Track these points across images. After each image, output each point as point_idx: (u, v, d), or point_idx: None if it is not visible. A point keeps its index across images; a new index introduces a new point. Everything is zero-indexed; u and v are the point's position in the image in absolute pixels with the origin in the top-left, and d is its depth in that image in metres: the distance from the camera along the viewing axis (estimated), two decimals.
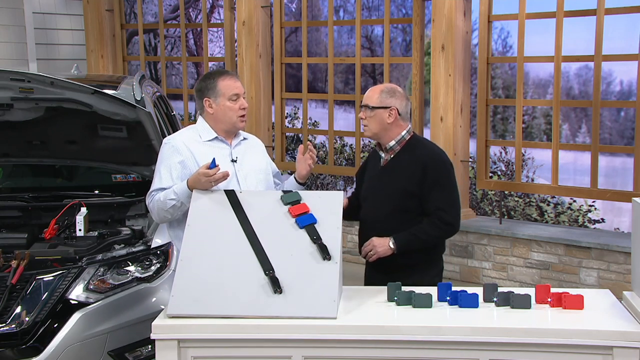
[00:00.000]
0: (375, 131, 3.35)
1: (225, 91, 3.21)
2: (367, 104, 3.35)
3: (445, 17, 6.04)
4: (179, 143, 3.21)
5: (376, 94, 3.36)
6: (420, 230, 3.28)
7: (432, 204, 3.27)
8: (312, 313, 2.71)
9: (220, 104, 3.22)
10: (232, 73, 3.29)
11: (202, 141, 3.24)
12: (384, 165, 3.39)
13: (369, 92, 3.40)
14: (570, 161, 7.38)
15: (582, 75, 8.77)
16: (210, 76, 3.27)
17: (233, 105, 3.22)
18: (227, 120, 3.24)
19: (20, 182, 4.85)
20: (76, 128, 4.40)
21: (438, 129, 6.21)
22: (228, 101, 3.21)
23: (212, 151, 3.20)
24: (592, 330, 2.66)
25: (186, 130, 3.34)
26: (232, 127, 3.27)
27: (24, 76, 3.99)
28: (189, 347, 2.70)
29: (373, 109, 3.34)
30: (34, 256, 3.63)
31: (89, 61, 8.37)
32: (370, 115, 3.34)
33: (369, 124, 3.35)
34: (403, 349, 2.69)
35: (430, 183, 3.27)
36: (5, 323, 3.32)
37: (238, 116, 3.24)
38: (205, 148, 3.23)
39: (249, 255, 2.87)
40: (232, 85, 3.22)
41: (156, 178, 3.21)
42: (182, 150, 3.20)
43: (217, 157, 3.10)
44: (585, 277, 5.58)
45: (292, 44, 9.49)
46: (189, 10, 9.92)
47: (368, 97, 3.37)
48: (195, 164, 3.18)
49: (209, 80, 3.24)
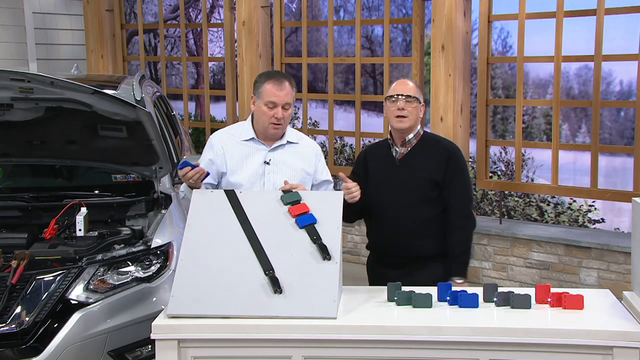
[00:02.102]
0: (412, 122, 3.37)
1: (264, 95, 3.24)
2: (409, 93, 3.34)
3: (445, 17, 6.04)
4: (216, 141, 3.33)
5: (413, 87, 3.37)
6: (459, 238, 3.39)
7: (452, 191, 3.37)
8: (312, 313, 2.71)
9: (258, 106, 3.27)
10: (280, 80, 3.27)
11: (239, 140, 3.31)
12: (401, 158, 3.41)
13: (403, 85, 3.38)
14: (570, 161, 7.37)
15: (582, 75, 8.77)
16: (264, 75, 3.33)
17: (268, 111, 3.24)
18: (261, 123, 3.28)
19: (20, 182, 4.85)
20: (76, 128, 4.39)
21: (438, 128, 6.21)
22: (264, 106, 3.24)
23: (246, 151, 3.28)
24: (592, 330, 2.66)
25: (236, 125, 3.44)
26: (265, 130, 3.29)
27: (24, 76, 3.99)
28: (189, 347, 2.70)
29: (416, 99, 3.35)
30: (34, 256, 3.63)
31: (89, 61, 8.38)
32: (413, 106, 3.34)
33: (410, 115, 3.34)
34: (403, 349, 2.69)
35: (452, 172, 3.38)
36: (5, 323, 3.32)
37: (270, 123, 3.25)
38: (240, 148, 3.30)
39: (249, 255, 2.87)
40: (273, 93, 3.23)
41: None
42: (216, 148, 3.30)
43: (252, 158, 3.25)
44: (585, 277, 5.58)
45: (292, 44, 9.49)
46: (189, 10, 9.91)
47: (408, 89, 3.35)
48: (224, 163, 3.28)
49: (260, 78, 3.31)
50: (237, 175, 3.27)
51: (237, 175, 3.27)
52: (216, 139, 3.34)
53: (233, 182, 3.26)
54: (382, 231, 3.43)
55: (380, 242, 3.47)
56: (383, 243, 3.45)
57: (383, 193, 3.41)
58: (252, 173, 3.27)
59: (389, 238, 3.40)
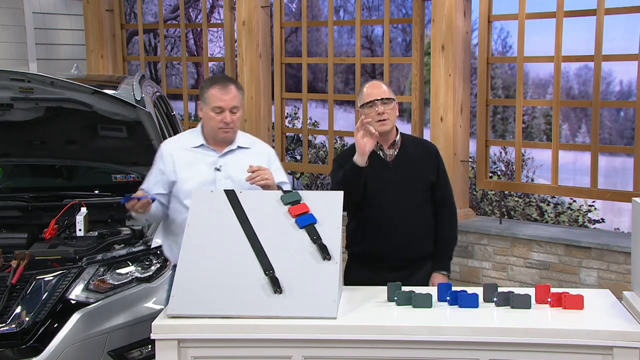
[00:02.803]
0: (393, 123, 3.37)
1: (210, 101, 3.22)
2: (385, 96, 3.31)
3: (445, 17, 6.04)
4: (165, 149, 3.32)
5: (386, 89, 3.35)
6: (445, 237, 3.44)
7: (443, 191, 3.44)
8: (312, 313, 2.71)
9: (205, 112, 3.26)
10: (225, 84, 3.23)
11: (189, 148, 3.29)
12: (393, 160, 3.39)
13: (376, 87, 3.35)
14: (570, 161, 7.37)
15: (582, 75, 8.77)
16: (209, 80, 3.30)
17: (215, 116, 3.22)
18: (210, 128, 3.26)
19: (20, 182, 4.85)
20: (76, 128, 4.40)
21: (438, 129, 6.21)
22: (211, 111, 3.22)
23: (195, 158, 3.26)
24: (592, 330, 2.66)
25: (185, 133, 3.42)
26: (214, 135, 3.28)
27: (24, 76, 3.99)
28: (189, 347, 2.70)
29: (391, 100, 3.33)
30: (34, 256, 3.63)
31: (89, 61, 8.37)
32: (391, 108, 3.33)
33: (390, 117, 3.33)
34: (403, 349, 2.69)
35: (442, 171, 3.45)
36: (5, 323, 3.32)
37: (219, 128, 3.23)
38: (191, 155, 3.28)
39: (249, 255, 2.87)
40: (218, 97, 3.20)
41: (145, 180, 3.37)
42: (165, 157, 3.29)
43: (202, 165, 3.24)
44: (585, 277, 5.58)
45: (292, 44, 9.49)
46: (189, 10, 9.91)
47: (383, 91, 3.33)
48: (173, 172, 3.27)
49: (205, 84, 3.28)
50: (188, 183, 3.24)
51: (187, 183, 3.24)
52: (165, 147, 3.34)
53: (183, 190, 3.24)
54: (380, 234, 3.37)
55: (377, 245, 3.40)
56: (382, 246, 3.38)
57: (381, 196, 3.36)
58: (202, 180, 3.24)
59: (390, 240, 3.37)
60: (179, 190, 3.25)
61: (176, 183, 3.26)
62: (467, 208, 6.45)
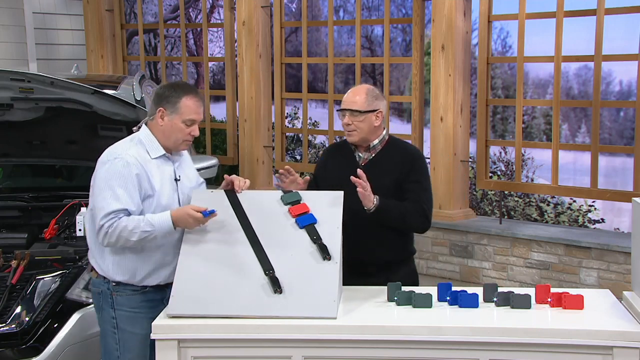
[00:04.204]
0: (363, 135, 3.24)
1: (184, 112, 2.94)
2: (356, 108, 3.20)
3: (445, 17, 6.04)
4: (132, 160, 2.90)
5: (362, 97, 3.22)
6: (402, 205, 3.20)
7: (413, 194, 3.23)
8: (312, 313, 2.71)
9: (172, 121, 2.95)
10: (198, 95, 3.02)
11: (151, 159, 2.96)
12: (365, 164, 3.28)
13: (353, 96, 3.24)
14: (570, 161, 7.37)
15: (582, 75, 8.77)
16: (177, 88, 2.98)
17: (185, 128, 2.96)
18: (173, 139, 2.98)
19: (20, 182, 4.85)
20: (76, 128, 4.40)
21: (438, 129, 6.21)
22: (182, 123, 2.94)
23: (160, 170, 2.97)
24: (592, 330, 2.66)
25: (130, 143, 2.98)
26: (176, 147, 3.02)
27: (24, 76, 4.00)
28: (189, 347, 2.70)
29: (363, 113, 3.21)
30: (34, 256, 3.63)
31: (89, 61, 8.37)
32: (359, 120, 3.21)
33: (358, 129, 3.21)
34: (403, 349, 2.69)
35: (415, 177, 3.25)
36: (5, 323, 3.32)
37: (184, 140, 2.99)
38: (155, 167, 2.96)
39: (249, 255, 2.87)
40: (194, 110, 2.96)
41: (109, 199, 2.83)
42: (140, 170, 2.91)
43: (163, 178, 2.96)
44: (585, 277, 5.58)
45: (292, 44, 9.49)
46: (189, 10, 9.91)
47: (354, 102, 3.21)
48: (149, 184, 2.92)
49: (173, 91, 2.96)
50: (163, 196, 2.97)
51: (162, 197, 2.97)
52: (130, 158, 2.90)
53: (161, 205, 2.94)
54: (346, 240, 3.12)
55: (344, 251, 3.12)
56: (349, 252, 3.13)
57: (349, 199, 3.16)
58: (170, 192, 3.00)
59: (355, 244, 3.20)
60: (153, 205, 2.93)
61: (152, 197, 2.93)
62: (467, 208, 6.45)
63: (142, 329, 2.91)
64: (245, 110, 7.38)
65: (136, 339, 2.94)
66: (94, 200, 2.90)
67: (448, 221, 6.22)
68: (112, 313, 2.94)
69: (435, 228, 6.28)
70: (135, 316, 2.94)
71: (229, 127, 7.82)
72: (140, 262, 2.93)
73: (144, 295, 2.96)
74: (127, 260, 2.93)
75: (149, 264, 2.93)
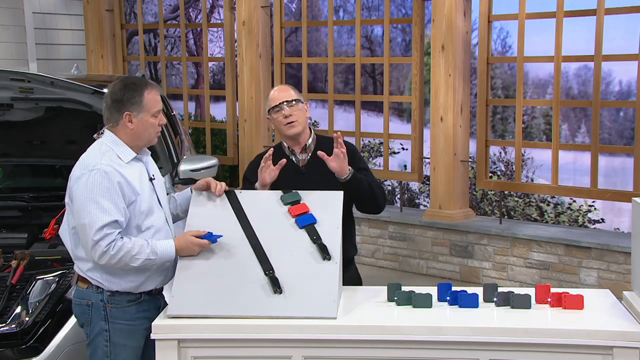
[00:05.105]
0: (303, 124, 3.26)
1: (151, 106, 2.87)
2: (290, 99, 3.23)
3: (445, 17, 6.05)
4: (108, 169, 2.79)
5: (290, 91, 3.27)
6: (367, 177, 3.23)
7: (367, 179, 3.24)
8: (312, 313, 2.71)
9: (142, 120, 2.87)
10: (154, 84, 2.97)
11: (124, 163, 2.86)
12: (305, 165, 3.28)
13: (280, 92, 3.26)
14: (570, 161, 7.37)
15: (582, 75, 8.77)
16: (133, 87, 2.87)
17: (154, 121, 2.89)
18: (146, 136, 2.91)
19: (20, 182, 4.85)
20: (76, 128, 4.40)
21: (438, 129, 6.21)
22: (152, 117, 2.88)
23: (134, 173, 2.87)
24: (592, 330, 2.66)
25: (99, 152, 2.86)
26: (148, 143, 2.96)
27: (24, 76, 4.00)
28: (189, 347, 2.70)
29: (298, 102, 3.24)
30: (34, 256, 3.63)
31: (89, 61, 8.38)
32: (298, 109, 3.24)
33: (299, 118, 3.23)
34: (403, 349, 2.69)
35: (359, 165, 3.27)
36: (5, 323, 3.32)
37: (156, 132, 2.93)
38: (130, 171, 2.86)
39: (249, 256, 2.87)
40: (157, 100, 2.90)
41: (96, 212, 2.72)
42: (115, 174, 2.80)
43: (140, 180, 2.88)
44: (585, 277, 5.58)
45: (292, 44, 9.49)
46: (189, 10, 9.91)
47: (287, 95, 3.24)
48: (130, 189, 2.82)
49: (132, 92, 2.85)
50: (144, 202, 2.87)
51: (143, 202, 2.87)
52: (107, 167, 2.79)
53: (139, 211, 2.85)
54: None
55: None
56: None
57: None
58: (148, 195, 2.91)
59: None
60: (136, 209, 2.85)
61: (134, 202, 2.84)
62: (467, 208, 6.45)
63: (136, 340, 2.88)
64: (245, 110, 7.39)
65: (129, 351, 2.89)
66: (78, 218, 2.78)
67: (448, 221, 6.22)
68: (104, 326, 2.86)
69: (435, 228, 6.29)
70: (131, 329, 2.88)
71: (229, 127, 7.83)
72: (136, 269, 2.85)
73: (139, 306, 2.89)
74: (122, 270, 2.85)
75: (145, 271, 2.88)
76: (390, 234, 6.57)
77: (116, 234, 2.75)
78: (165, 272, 2.93)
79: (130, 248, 2.76)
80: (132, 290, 2.88)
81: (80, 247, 2.86)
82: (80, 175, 2.80)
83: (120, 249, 2.74)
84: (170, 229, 2.98)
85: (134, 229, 2.84)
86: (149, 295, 2.92)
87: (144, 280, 2.88)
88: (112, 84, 2.94)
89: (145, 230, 2.87)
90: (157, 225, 2.91)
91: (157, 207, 2.94)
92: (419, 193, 9.59)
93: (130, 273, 2.84)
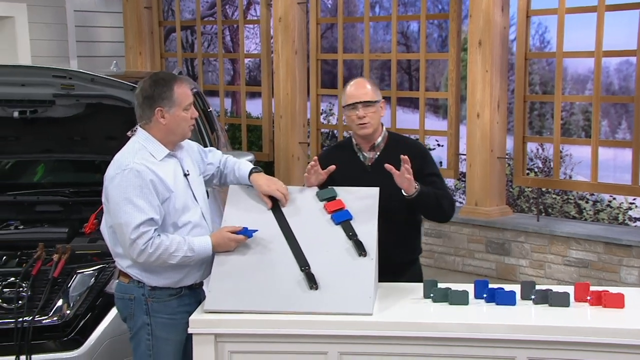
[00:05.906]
0: (376, 126, 3.22)
1: (182, 100, 2.86)
2: (368, 99, 3.19)
3: (482, 12, 5.99)
4: (141, 167, 2.79)
5: (369, 90, 3.22)
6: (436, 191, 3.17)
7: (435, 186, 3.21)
8: (348, 309, 2.71)
9: (174, 114, 2.86)
10: (185, 78, 2.95)
11: (157, 161, 2.86)
12: (372, 164, 3.25)
13: (360, 88, 3.22)
14: (610, 158, 7.26)
15: (623, 71, 8.62)
16: (162, 82, 2.87)
17: (186, 115, 2.89)
18: (180, 131, 2.91)
19: (61, 177, 4.93)
20: (116, 124, 4.44)
21: (475, 125, 6.16)
22: (184, 111, 2.88)
23: (170, 170, 2.88)
24: (633, 329, 2.62)
25: (133, 150, 2.88)
26: (183, 138, 2.96)
27: (65, 73, 4.05)
28: (226, 342, 2.73)
29: (374, 103, 3.20)
30: (75, 250, 3.69)
31: (128, 58, 8.49)
32: (372, 111, 3.19)
33: (372, 120, 3.19)
34: (439, 345, 2.68)
35: (430, 170, 3.23)
36: (48, 316, 3.38)
37: (189, 125, 2.93)
38: (163, 168, 2.86)
39: (285, 251, 2.88)
40: (188, 94, 2.90)
41: (132, 211, 2.74)
42: (148, 172, 2.80)
43: (174, 176, 2.87)
44: (626, 275, 5.49)
45: (328, 40, 9.49)
46: (226, 7, 9.98)
47: (365, 93, 3.19)
48: (164, 187, 2.82)
49: (162, 87, 2.85)
50: (178, 198, 2.87)
51: (178, 199, 2.87)
52: (140, 166, 2.79)
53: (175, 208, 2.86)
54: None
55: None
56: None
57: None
58: (183, 191, 2.91)
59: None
60: (171, 206, 2.85)
61: (169, 199, 2.85)
62: (504, 205, 6.39)
63: (178, 334, 2.90)
64: (281, 106, 7.41)
65: (171, 345, 2.91)
66: (114, 217, 2.81)
67: (484, 218, 6.17)
68: (146, 319, 2.90)
69: (472, 225, 6.24)
70: (172, 323, 2.90)
71: (264, 123, 7.86)
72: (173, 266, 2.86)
73: (180, 300, 2.91)
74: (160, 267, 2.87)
75: (183, 267, 2.90)
76: (426, 230, 6.53)
77: (153, 231, 2.77)
78: (203, 267, 2.95)
79: (168, 245, 2.78)
80: (171, 286, 2.90)
81: (119, 245, 2.89)
82: (114, 174, 2.82)
83: (158, 246, 2.76)
84: (208, 224, 3.00)
85: (170, 226, 2.86)
86: (189, 289, 2.94)
87: (183, 276, 2.91)
88: (141, 81, 2.95)
89: (182, 227, 2.88)
90: (194, 221, 2.92)
91: (193, 203, 2.94)
92: (455, 190, 9.53)
93: (169, 270, 2.86)
